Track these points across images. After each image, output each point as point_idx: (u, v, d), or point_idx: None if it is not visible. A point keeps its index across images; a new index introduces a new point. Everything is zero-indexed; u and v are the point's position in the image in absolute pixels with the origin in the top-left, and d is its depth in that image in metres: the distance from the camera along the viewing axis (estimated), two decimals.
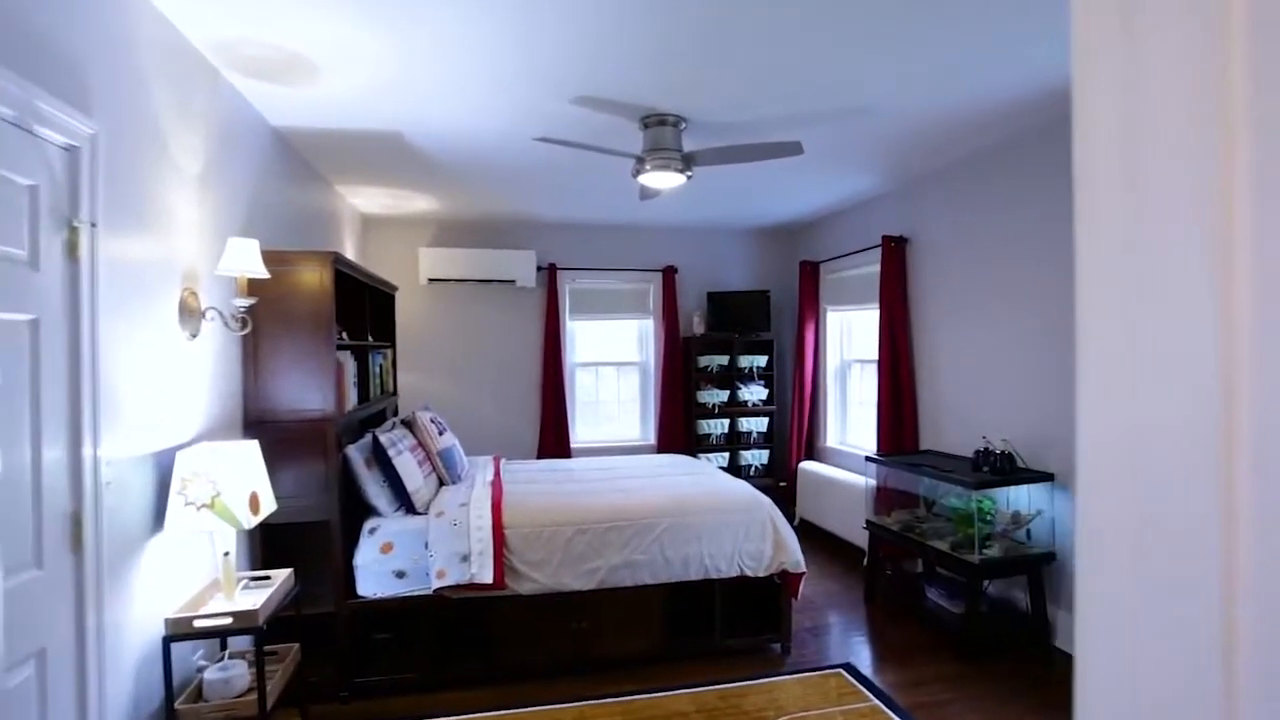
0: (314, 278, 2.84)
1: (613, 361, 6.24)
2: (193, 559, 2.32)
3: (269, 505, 2.30)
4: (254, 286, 2.67)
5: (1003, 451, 3.35)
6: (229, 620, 2.04)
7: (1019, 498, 3.47)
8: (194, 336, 2.33)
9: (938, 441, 4.23)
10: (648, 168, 3.13)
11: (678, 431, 5.94)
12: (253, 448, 2.27)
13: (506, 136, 3.47)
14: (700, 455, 5.85)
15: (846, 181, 4.51)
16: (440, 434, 3.68)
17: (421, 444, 3.54)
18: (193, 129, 2.41)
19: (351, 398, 3.29)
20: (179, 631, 2.00)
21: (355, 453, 3.06)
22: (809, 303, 5.76)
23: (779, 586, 3.32)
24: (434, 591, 2.89)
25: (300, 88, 2.82)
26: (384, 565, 2.93)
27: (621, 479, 3.91)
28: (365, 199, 4.90)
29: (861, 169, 4.18)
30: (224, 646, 2.36)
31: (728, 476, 3.91)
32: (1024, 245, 3.56)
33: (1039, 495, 3.37)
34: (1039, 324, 3.46)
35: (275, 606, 2.24)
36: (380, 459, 3.12)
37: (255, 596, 2.22)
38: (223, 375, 2.60)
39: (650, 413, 6.20)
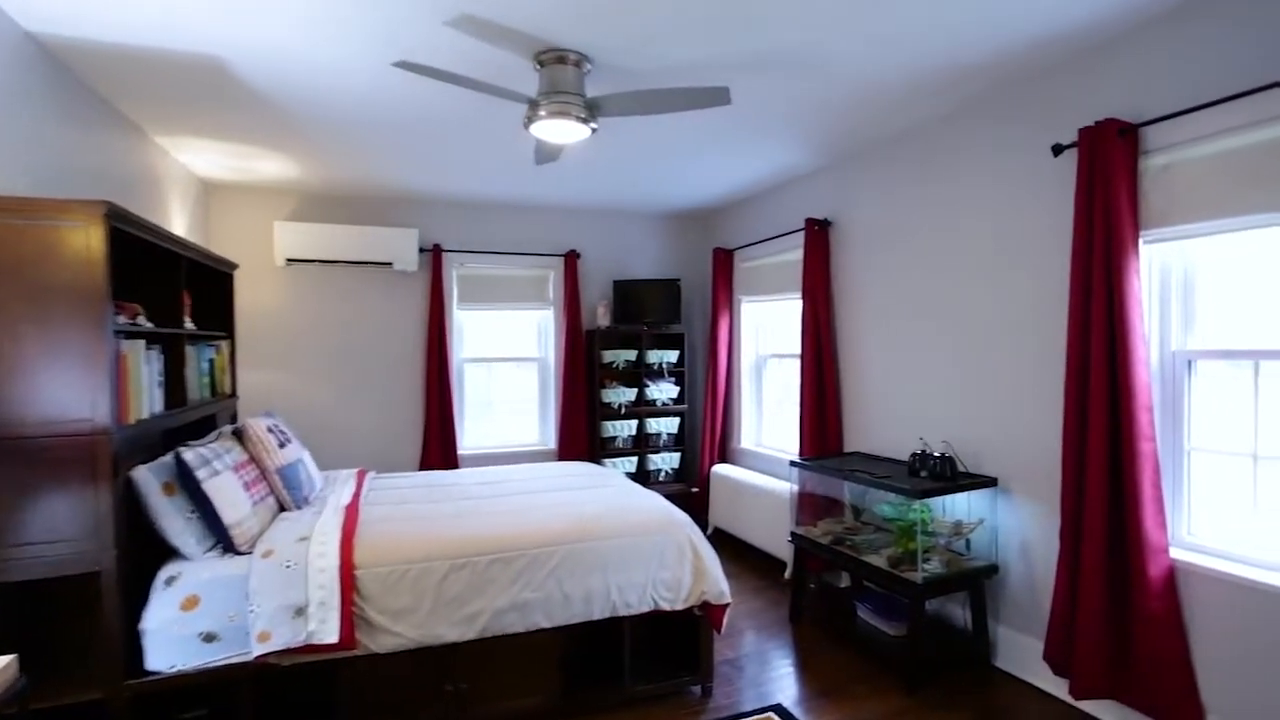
0: (77, 238, 2.05)
1: (508, 357, 5.58)
2: None
3: None
4: None
5: (943, 455, 3.01)
6: None
7: (957, 505, 3.15)
8: None
9: (865, 443, 3.89)
10: (542, 114, 2.54)
11: (580, 434, 5.37)
12: None
13: (362, 73, 2.77)
14: (605, 461, 5.32)
15: (769, 156, 4.09)
16: (281, 446, 2.93)
17: (254, 460, 2.78)
18: None
19: (150, 402, 2.50)
20: None
21: (148, 476, 2.29)
22: (722, 293, 5.34)
23: (699, 619, 2.83)
24: (255, 660, 2.18)
25: None
26: (186, 627, 2.18)
27: (513, 495, 3.29)
28: (198, 157, 4.00)
29: (789, 140, 3.76)
30: None
31: (638, 489, 3.38)
32: (960, 228, 3.25)
33: (979, 502, 3.07)
34: (977, 316, 3.15)
35: None
36: (186, 483, 2.36)
37: None
38: None
39: (550, 414, 5.59)
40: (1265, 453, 2.31)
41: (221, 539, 2.40)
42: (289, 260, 4.74)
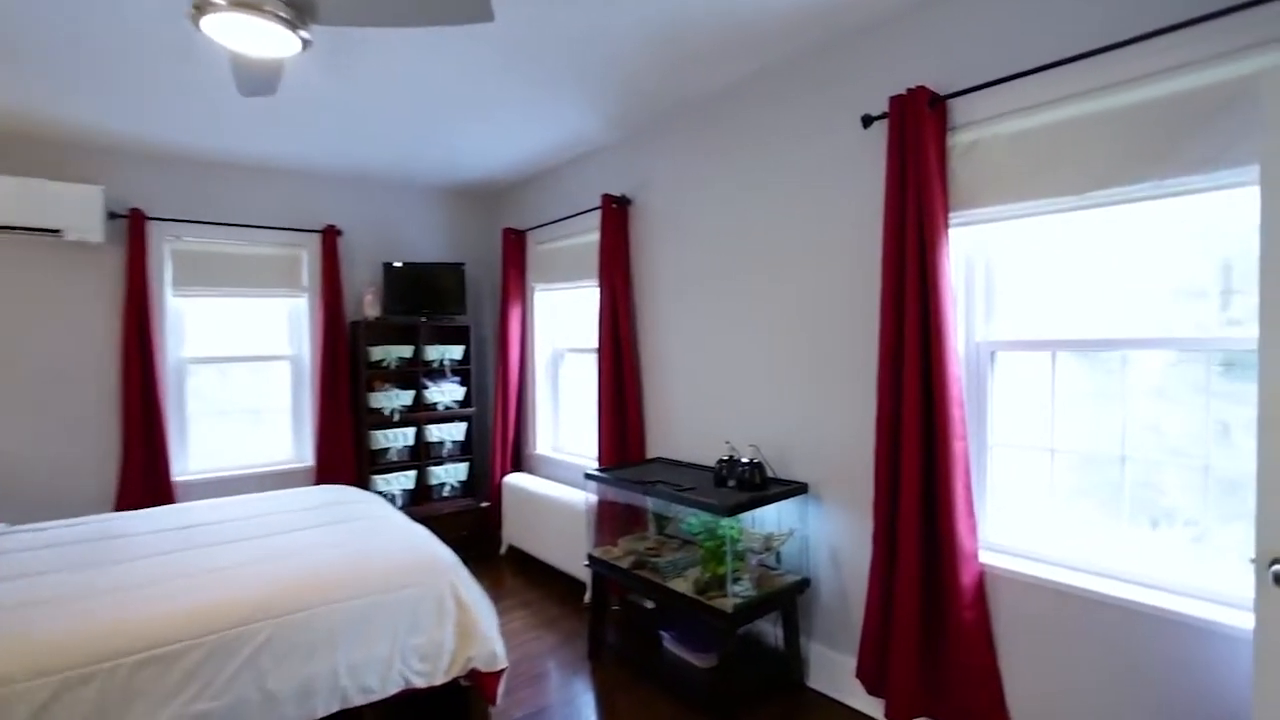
0: None
1: (249, 355, 4.47)
2: None
3: None
4: None
5: (752, 460, 2.68)
6: None
7: (767, 515, 2.86)
8: None
9: (670, 447, 3.50)
10: (220, 3, 1.74)
11: (345, 447, 4.45)
12: None
13: None
14: (376, 477, 4.46)
15: (559, 120, 3.54)
16: None
17: None
18: None
19: None
20: None
21: None
22: (514, 280, 4.72)
23: (468, 690, 2.21)
24: None
25: None
26: None
27: (217, 544, 2.41)
28: None
29: (580, 100, 3.22)
30: None
31: (397, 521, 2.67)
32: (769, 206, 2.95)
33: (789, 510, 2.79)
34: (787, 303, 2.87)
35: None
36: None
37: None
38: None
39: (306, 424, 4.59)
40: (1062, 446, 2.23)
41: None
42: None
